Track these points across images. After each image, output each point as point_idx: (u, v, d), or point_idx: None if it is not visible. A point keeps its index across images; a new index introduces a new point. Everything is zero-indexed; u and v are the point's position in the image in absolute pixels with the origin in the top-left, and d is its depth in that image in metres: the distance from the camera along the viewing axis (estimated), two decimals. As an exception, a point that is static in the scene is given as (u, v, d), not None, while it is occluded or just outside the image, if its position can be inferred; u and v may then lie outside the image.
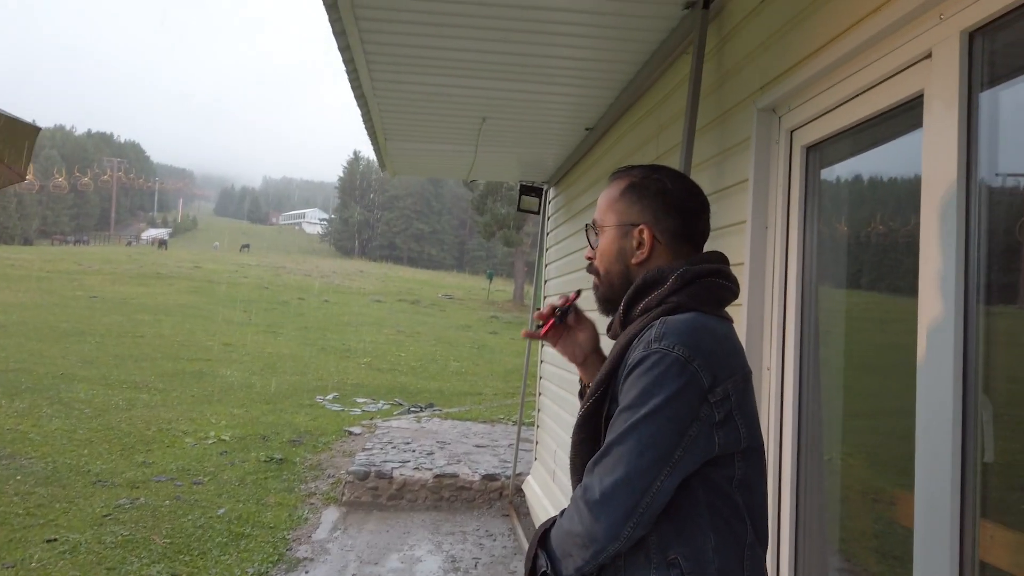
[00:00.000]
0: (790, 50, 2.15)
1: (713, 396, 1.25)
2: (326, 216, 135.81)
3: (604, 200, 1.53)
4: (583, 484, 1.28)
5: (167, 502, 6.12)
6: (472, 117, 4.51)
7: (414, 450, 7.81)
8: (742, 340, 2.29)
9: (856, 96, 1.88)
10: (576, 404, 5.35)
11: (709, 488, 1.27)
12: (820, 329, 2.16)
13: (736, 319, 1.86)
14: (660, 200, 1.45)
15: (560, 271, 5.92)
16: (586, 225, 1.58)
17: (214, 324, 21.15)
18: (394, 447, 7.93)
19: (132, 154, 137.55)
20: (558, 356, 5.67)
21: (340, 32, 3.14)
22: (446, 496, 6.76)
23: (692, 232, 1.47)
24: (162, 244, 68.79)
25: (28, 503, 5.83)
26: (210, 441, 8.38)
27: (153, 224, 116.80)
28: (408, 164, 6.36)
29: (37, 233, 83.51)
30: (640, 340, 1.31)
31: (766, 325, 2.32)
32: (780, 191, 2.27)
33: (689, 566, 1.24)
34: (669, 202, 1.45)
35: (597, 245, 1.53)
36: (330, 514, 6.26)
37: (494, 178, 22.98)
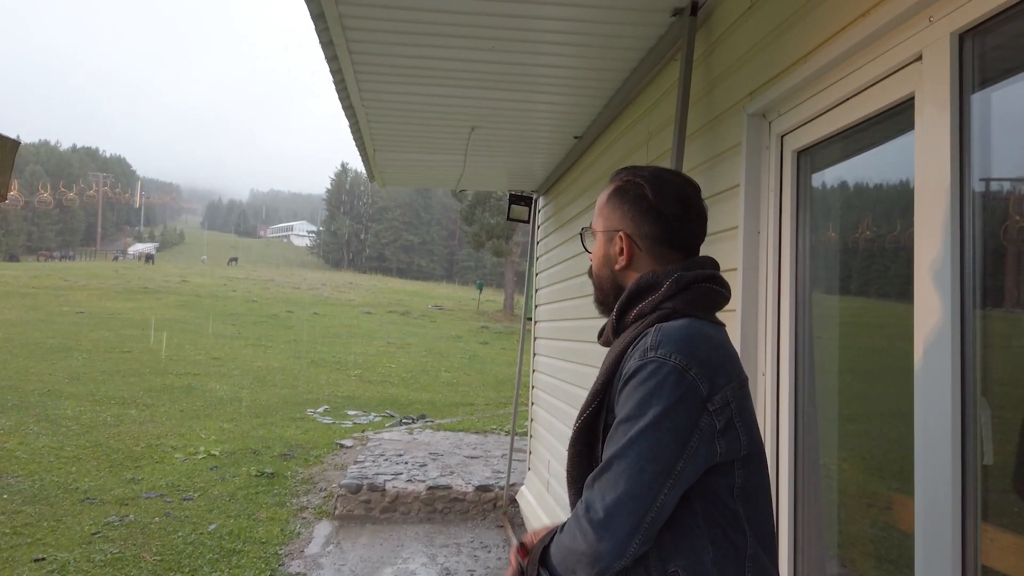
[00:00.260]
0: (779, 55, 2.15)
1: (712, 404, 1.23)
2: (314, 228, 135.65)
3: (597, 205, 1.52)
4: (584, 501, 1.25)
5: (157, 519, 6.04)
6: (461, 127, 4.50)
7: (406, 462, 7.76)
8: (736, 346, 2.28)
9: (846, 100, 1.87)
10: (570, 413, 5.28)
11: (706, 499, 1.26)
12: (815, 334, 2.15)
13: (730, 325, 1.85)
14: (639, 206, 1.43)
15: (551, 280, 5.91)
16: (583, 229, 1.57)
17: (202, 338, 21.01)
18: (386, 459, 7.88)
19: (118, 168, 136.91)
20: (551, 365, 5.67)
21: (328, 42, 3.13)
22: (439, 508, 6.71)
23: (674, 238, 1.42)
24: (149, 258, 68.41)
25: (15, 522, 5.74)
26: (200, 456, 8.29)
27: (140, 238, 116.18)
28: (397, 175, 6.34)
29: (23, 249, 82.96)
30: (635, 349, 1.29)
31: (760, 330, 2.31)
32: (772, 196, 2.27)
33: None
34: (647, 207, 1.42)
35: (592, 249, 1.53)
36: (322, 528, 6.20)
37: (483, 188, 23.03)
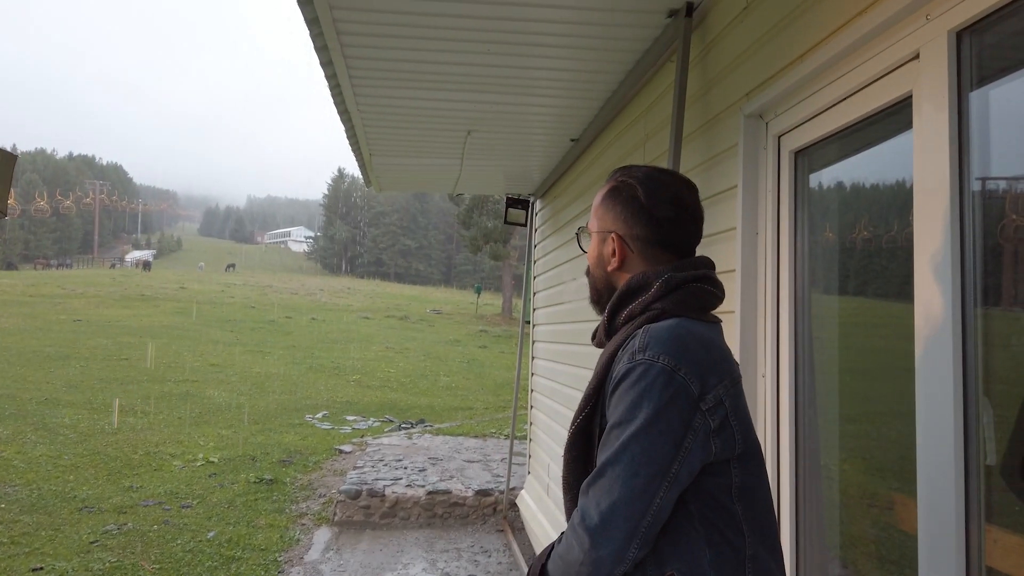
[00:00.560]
0: (775, 55, 2.14)
1: (705, 403, 1.22)
2: (312, 234, 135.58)
3: (593, 205, 1.52)
4: (580, 509, 1.24)
5: (155, 527, 6.01)
6: (457, 131, 4.49)
7: (406, 467, 7.74)
8: (735, 348, 2.28)
9: (844, 100, 1.87)
10: (570, 417, 5.31)
11: (702, 500, 1.24)
12: (814, 334, 2.14)
13: (729, 326, 1.84)
14: (631, 207, 1.42)
15: (548, 283, 5.90)
16: (580, 228, 1.57)
17: (200, 345, 20.95)
18: (385, 464, 7.85)
19: (115, 176, 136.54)
20: (550, 368, 5.66)
21: (322, 47, 3.12)
22: (439, 513, 6.69)
23: (666, 239, 1.41)
24: (146, 266, 68.32)
25: (13, 531, 5.72)
26: (198, 463, 8.27)
27: (137, 246, 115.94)
28: (394, 180, 6.34)
29: (20, 257, 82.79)
30: (624, 351, 1.28)
31: (760, 332, 2.30)
32: (769, 197, 2.26)
33: None
34: (639, 209, 1.41)
35: (588, 249, 1.53)
36: (322, 534, 6.18)
37: (480, 191, 22.97)
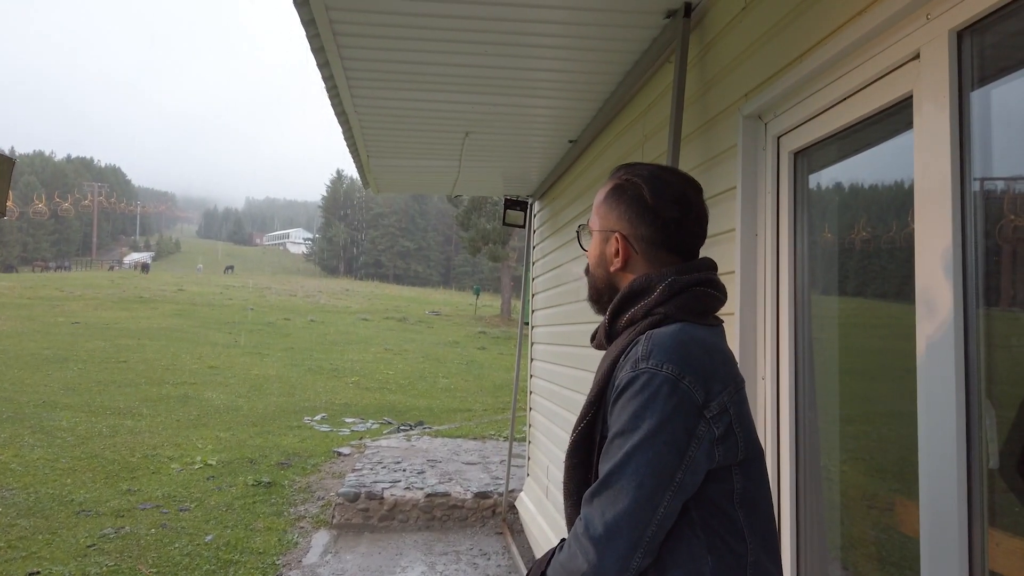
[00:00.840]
0: (774, 56, 2.13)
1: (709, 411, 1.21)
2: (310, 236, 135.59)
3: (595, 202, 1.49)
4: (583, 518, 1.22)
5: (153, 530, 5.99)
6: (455, 132, 4.48)
7: (404, 469, 7.72)
8: (735, 350, 2.26)
9: (843, 100, 1.86)
10: (569, 418, 5.24)
11: (703, 507, 1.23)
12: (814, 336, 2.13)
13: (729, 328, 1.82)
14: (636, 207, 1.39)
15: (547, 285, 5.89)
16: (580, 226, 1.54)
17: (199, 347, 20.91)
18: (384, 467, 7.83)
19: (113, 178, 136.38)
20: (549, 370, 5.64)
21: (319, 48, 3.11)
22: (438, 515, 6.68)
23: (671, 241, 1.38)
24: (144, 268, 68.25)
25: (10, 535, 5.69)
26: (196, 466, 8.24)
27: (135, 248, 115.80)
28: (392, 181, 6.32)
29: (18, 260, 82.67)
30: (627, 358, 1.26)
31: (759, 334, 2.28)
32: (769, 198, 2.25)
33: None
34: (645, 210, 1.38)
35: (588, 247, 1.50)
36: (320, 537, 6.16)
37: (479, 193, 22.99)
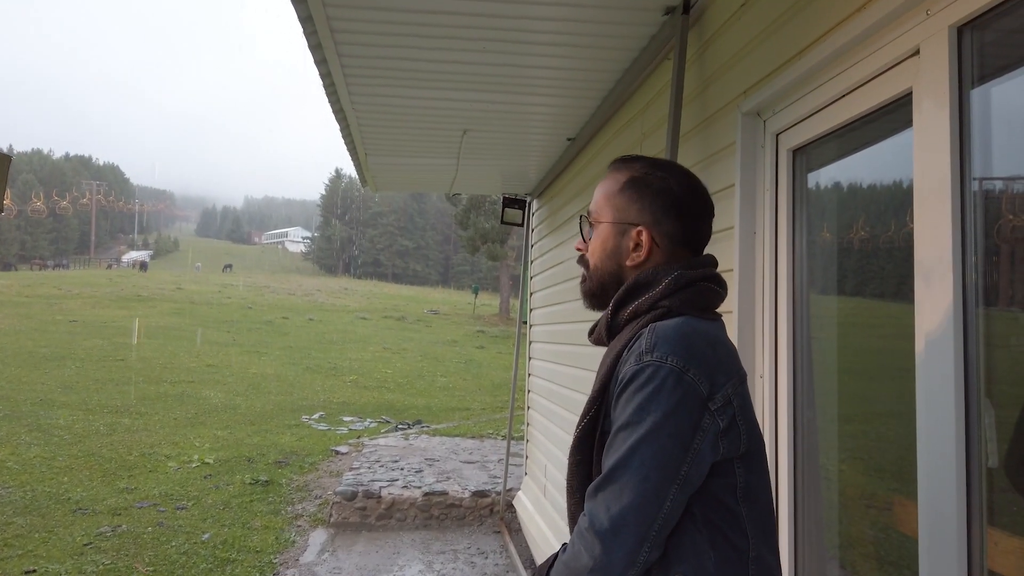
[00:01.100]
0: (773, 53, 2.12)
1: (714, 404, 1.20)
2: (309, 234, 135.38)
3: (602, 191, 1.43)
4: (588, 514, 1.20)
5: (150, 529, 5.98)
6: (453, 130, 4.47)
7: (402, 468, 7.71)
8: (734, 348, 2.26)
9: (842, 97, 1.85)
10: (567, 417, 5.21)
11: (705, 502, 1.22)
12: (812, 334, 2.12)
13: (727, 326, 1.81)
14: (662, 200, 1.36)
15: (545, 283, 5.88)
16: (581, 216, 1.49)
17: (197, 345, 20.90)
18: (382, 465, 7.82)
19: (111, 176, 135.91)
20: (547, 369, 5.64)
21: (316, 46, 3.09)
22: (436, 514, 6.67)
23: (692, 237, 1.37)
24: (143, 266, 68.19)
25: (6, 533, 5.68)
26: (194, 465, 8.23)
27: (134, 246, 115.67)
28: (390, 179, 6.31)
29: (16, 258, 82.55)
30: (630, 352, 1.25)
31: (757, 332, 2.28)
32: (767, 196, 2.24)
33: None
34: (671, 203, 1.36)
35: (590, 238, 1.44)
36: (318, 536, 6.15)
37: (477, 191, 22.95)
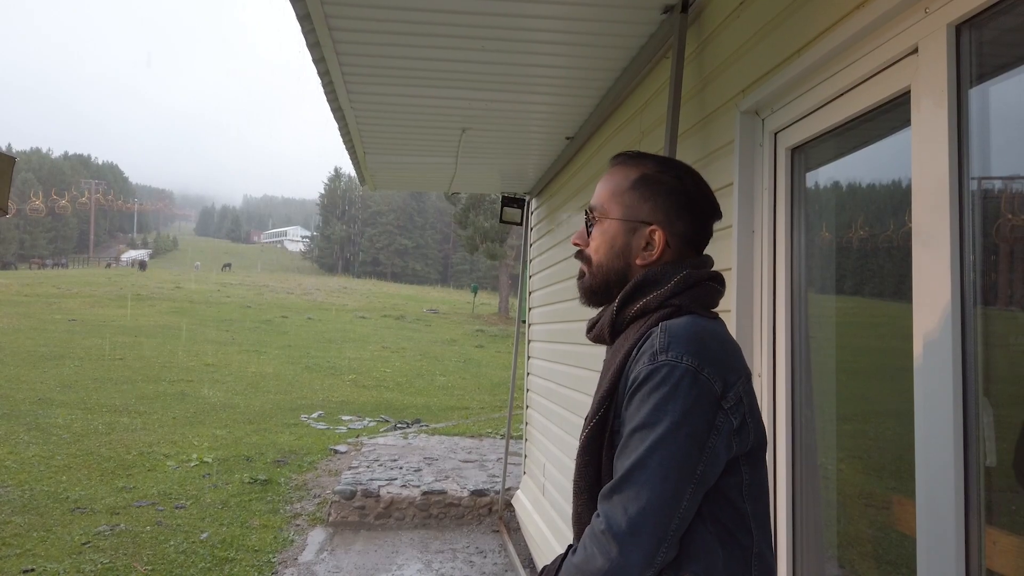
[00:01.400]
0: (772, 51, 2.12)
1: (727, 402, 1.20)
2: (308, 234, 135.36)
3: (608, 187, 1.40)
4: (602, 516, 1.18)
5: (148, 528, 5.98)
6: (452, 128, 4.47)
7: (401, 467, 7.71)
8: (732, 347, 2.25)
9: (841, 95, 1.84)
10: (566, 416, 5.20)
11: (713, 501, 1.22)
12: (811, 334, 2.11)
13: (726, 325, 1.81)
14: (675, 200, 1.34)
15: (544, 282, 5.87)
16: (585, 210, 1.45)
17: (196, 344, 20.88)
18: (381, 465, 7.82)
19: (110, 175, 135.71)
20: (546, 368, 5.63)
21: (314, 44, 3.09)
22: (435, 513, 6.67)
23: (700, 237, 1.37)
24: (142, 265, 68.11)
25: (4, 532, 5.67)
26: (192, 464, 8.23)
27: (133, 245, 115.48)
28: (388, 178, 6.31)
29: (15, 257, 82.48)
30: (641, 351, 1.23)
31: (756, 331, 2.27)
32: (766, 194, 2.23)
33: None
34: (684, 204, 1.35)
35: (592, 232, 1.41)
36: (316, 535, 6.14)
37: (476, 190, 22.95)
